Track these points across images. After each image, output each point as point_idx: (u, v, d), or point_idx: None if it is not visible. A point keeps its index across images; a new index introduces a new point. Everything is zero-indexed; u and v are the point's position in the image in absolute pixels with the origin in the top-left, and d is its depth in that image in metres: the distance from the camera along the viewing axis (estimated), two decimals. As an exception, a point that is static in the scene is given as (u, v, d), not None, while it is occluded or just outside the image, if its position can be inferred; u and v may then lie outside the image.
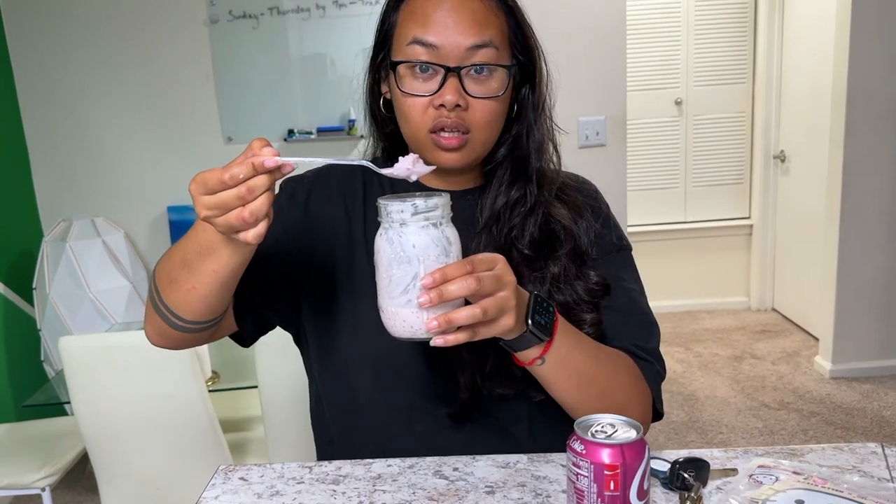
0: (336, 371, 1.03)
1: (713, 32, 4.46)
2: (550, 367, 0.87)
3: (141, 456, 1.95)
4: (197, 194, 0.72)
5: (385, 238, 0.75)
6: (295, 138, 3.26)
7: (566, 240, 1.00)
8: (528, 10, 1.02)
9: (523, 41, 0.97)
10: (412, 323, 0.75)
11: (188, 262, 0.83)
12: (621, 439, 0.71)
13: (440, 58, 0.91)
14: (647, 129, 4.54)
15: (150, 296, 0.93)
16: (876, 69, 3.29)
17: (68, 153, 3.30)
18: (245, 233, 0.72)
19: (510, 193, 0.99)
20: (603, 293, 1.01)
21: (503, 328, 0.78)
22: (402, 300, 0.75)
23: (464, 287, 0.73)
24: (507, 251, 0.97)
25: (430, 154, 0.94)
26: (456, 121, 0.91)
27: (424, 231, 0.74)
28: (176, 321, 0.89)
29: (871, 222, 3.44)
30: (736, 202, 4.71)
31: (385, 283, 0.76)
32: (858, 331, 3.55)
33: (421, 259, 0.74)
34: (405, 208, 0.73)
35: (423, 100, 0.92)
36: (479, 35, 0.91)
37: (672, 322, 4.50)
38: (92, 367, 1.86)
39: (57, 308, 3.04)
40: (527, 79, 0.99)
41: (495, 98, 0.93)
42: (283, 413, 1.98)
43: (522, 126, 0.99)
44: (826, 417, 3.21)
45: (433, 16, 0.91)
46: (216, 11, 3.20)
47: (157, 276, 0.90)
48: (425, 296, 0.72)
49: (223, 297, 0.87)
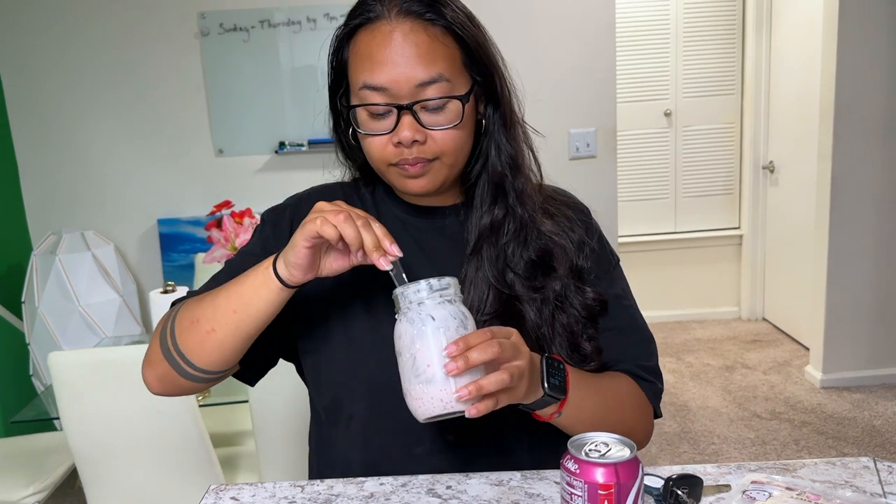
0: (332, 396, 1.02)
1: (702, 44, 4.49)
2: (566, 417, 0.91)
3: (131, 472, 1.94)
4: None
5: (405, 320, 0.78)
6: (286, 150, 3.25)
7: (561, 255, 1.00)
8: (519, 23, 1.02)
9: (478, 62, 0.95)
10: (441, 397, 0.76)
11: (217, 306, 0.88)
12: (615, 458, 0.71)
13: (391, 97, 0.90)
14: (637, 141, 4.56)
15: (158, 343, 0.94)
16: (863, 81, 3.32)
17: (58, 166, 3.29)
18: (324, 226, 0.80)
19: (494, 212, 0.98)
20: (601, 310, 1.01)
21: (519, 395, 0.82)
22: (428, 375, 0.76)
23: (488, 351, 0.76)
24: (501, 273, 0.97)
25: (398, 182, 0.96)
26: (417, 155, 0.92)
27: (441, 306, 0.78)
28: (187, 368, 0.91)
29: (859, 232, 3.46)
30: (726, 212, 4.73)
31: (409, 364, 0.78)
32: (848, 340, 3.57)
33: (442, 330, 0.77)
34: (421, 288, 0.78)
35: (382, 138, 0.92)
36: (427, 71, 0.89)
37: (663, 332, 4.51)
38: (81, 382, 1.84)
39: (46, 322, 3.01)
40: (490, 96, 0.98)
41: (453, 127, 0.92)
42: (275, 428, 1.97)
43: (491, 143, 0.98)
44: (817, 427, 3.22)
45: (378, 57, 0.90)
46: (207, 24, 3.20)
47: (178, 321, 0.92)
48: (452, 363, 0.74)
49: (238, 350, 0.90)
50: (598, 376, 0.99)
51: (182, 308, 0.94)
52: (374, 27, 0.91)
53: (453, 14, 0.92)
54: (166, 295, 2.27)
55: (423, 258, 1.00)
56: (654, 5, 4.44)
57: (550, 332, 0.97)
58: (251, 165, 3.32)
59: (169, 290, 2.28)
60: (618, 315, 1.04)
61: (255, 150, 3.31)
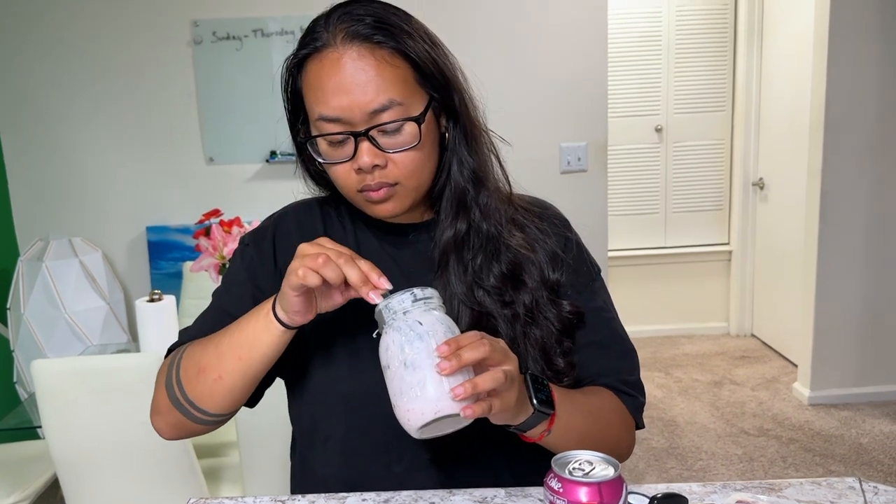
0: (308, 415, 1.02)
1: (693, 61, 4.52)
2: (556, 436, 0.89)
3: (113, 482, 1.91)
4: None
5: (391, 330, 0.78)
6: (277, 160, 3.25)
7: (532, 268, 0.99)
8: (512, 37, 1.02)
9: (431, 78, 0.93)
10: (435, 399, 0.74)
11: (220, 352, 0.89)
12: (599, 477, 0.71)
13: (346, 125, 0.89)
14: (627, 156, 4.58)
15: (165, 392, 0.95)
16: (853, 99, 3.35)
17: (47, 171, 3.27)
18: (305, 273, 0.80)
19: (457, 226, 0.98)
20: (577, 322, 1.00)
21: (510, 403, 0.80)
22: (419, 378, 0.75)
23: (479, 350, 0.76)
24: (470, 288, 0.96)
25: (366, 208, 0.96)
26: (379, 180, 0.91)
27: (427, 313, 0.78)
28: (197, 414, 0.93)
29: (849, 250, 3.48)
30: (715, 228, 4.74)
31: (399, 372, 0.76)
32: (837, 358, 3.58)
33: (431, 333, 0.77)
34: (405, 298, 0.78)
35: (344, 166, 0.92)
36: (377, 98, 0.88)
37: (652, 347, 4.51)
38: (65, 391, 1.82)
39: (31, 329, 2.99)
40: (449, 111, 0.96)
41: (412, 148, 0.91)
42: (259, 440, 1.96)
43: (453, 157, 0.98)
44: (805, 444, 3.22)
45: (329, 86, 0.89)
46: (200, 32, 3.20)
47: (182, 370, 0.93)
48: (445, 362, 0.74)
49: (246, 391, 0.92)
50: (583, 393, 0.99)
51: (184, 357, 0.94)
52: (321, 56, 0.90)
53: (402, 34, 0.90)
54: (153, 303, 2.25)
55: (398, 275, 0.99)
56: (645, 21, 4.47)
57: (524, 346, 0.96)
58: (242, 174, 3.32)
59: (156, 298, 2.26)
60: (598, 328, 1.03)
61: (245, 159, 3.30)
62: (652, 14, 4.46)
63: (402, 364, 0.76)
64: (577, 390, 0.98)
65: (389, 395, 0.78)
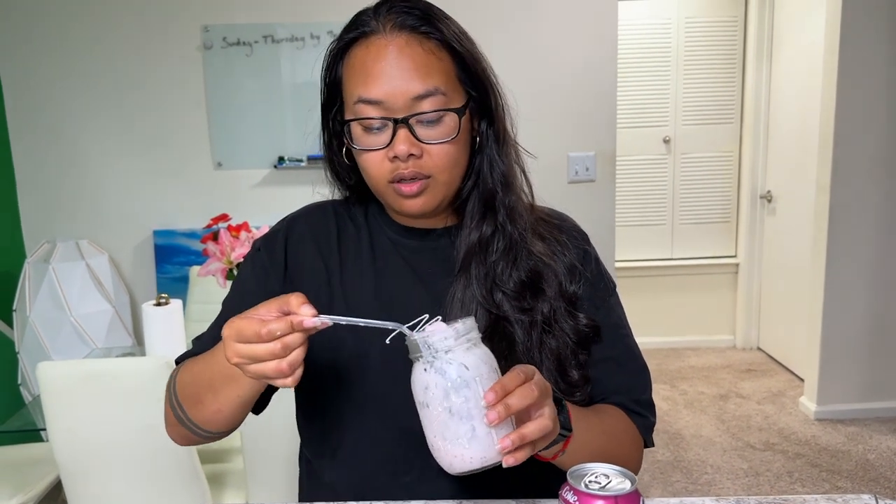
0: (318, 423, 1.01)
1: (702, 72, 4.52)
2: (569, 454, 0.88)
3: (116, 486, 1.90)
4: (230, 340, 0.74)
5: (433, 370, 0.72)
6: (285, 165, 3.25)
7: (551, 277, 0.98)
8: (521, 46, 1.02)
9: (473, 77, 0.95)
10: (483, 449, 0.71)
11: (214, 388, 0.87)
12: (615, 490, 0.69)
13: (387, 111, 0.89)
14: (635, 166, 4.57)
15: (171, 408, 0.96)
16: (863, 113, 3.33)
17: (55, 174, 3.27)
18: (283, 380, 0.75)
19: (482, 228, 0.97)
20: (594, 336, 0.99)
21: (553, 436, 0.78)
22: (468, 428, 0.71)
23: (526, 396, 0.72)
24: (490, 292, 0.95)
25: (395, 202, 0.94)
26: (413, 170, 0.90)
27: (470, 352, 0.72)
28: (202, 433, 0.94)
29: (856, 264, 3.46)
30: (722, 240, 4.73)
31: (444, 418, 0.72)
32: (844, 373, 3.55)
33: (478, 380, 0.71)
34: (448, 334, 0.72)
35: (378, 153, 0.91)
36: (423, 84, 0.89)
37: (657, 359, 4.49)
38: (69, 394, 1.82)
39: (37, 331, 2.98)
40: (484, 112, 0.97)
41: (449, 141, 0.91)
42: (263, 446, 1.94)
43: (484, 159, 0.98)
44: (811, 460, 3.19)
45: (373, 70, 0.89)
46: (210, 38, 3.21)
47: (181, 395, 0.93)
48: (493, 412, 0.70)
49: (247, 411, 0.92)
50: (595, 412, 0.98)
51: (179, 382, 0.95)
52: (368, 41, 0.91)
53: (448, 29, 0.92)
54: (159, 307, 2.24)
55: (414, 280, 0.99)
56: (655, 33, 4.47)
57: (539, 356, 0.95)
58: (250, 179, 3.31)
59: (162, 302, 2.26)
60: (614, 344, 1.02)
61: (253, 165, 3.30)
62: (661, 25, 4.46)
63: (446, 411, 0.71)
64: (590, 409, 0.98)
65: (426, 430, 0.75)
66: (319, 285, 0.99)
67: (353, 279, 1.00)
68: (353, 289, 0.99)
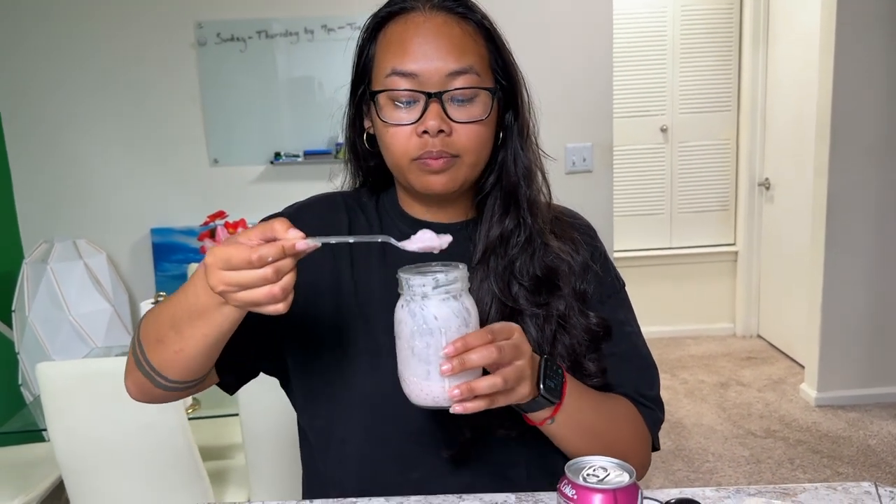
0: (324, 418, 0.99)
1: (699, 61, 4.50)
2: (559, 425, 0.88)
3: (118, 485, 1.91)
4: (215, 268, 0.71)
5: (407, 310, 0.76)
6: (282, 161, 3.24)
7: (567, 274, 0.98)
8: (516, 37, 1.01)
9: (504, 66, 0.96)
10: (435, 392, 0.76)
11: (177, 325, 0.81)
12: (614, 484, 0.69)
13: (420, 85, 0.89)
14: (633, 156, 4.56)
15: (132, 352, 0.91)
16: (860, 99, 3.33)
17: (51, 173, 3.26)
18: (275, 306, 0.72)
19: (504, 223, 0.97)
20: (603, 334, 0.99)
21: (520, 396, 0.81)
22: (424, 370, 0.76)
23: (485, 356, 0.75)
24: (507, 284, 0.95)
25: (417, 179, 0.92)
26: (441, 148, 0.89)
27: (445, 303, 0.76)
28: (160, 380, 0.88)
29: (855, 250, 3.46)
30: (721, 229, 4.73)
31: (407, 354, 0.77)
32: (844, 359, 3.56)
33: (443, 331, 0.75)
34: (427, 282, 0.75)
35: (405, 129, 0.90)
36: (459, 61, 0.89)
37: (658, 348, 4.49)
38: (69, 393, 1.82)
39: (36, 331, 2.98)
40: (510, 104, 0.98)
41: (479, 122, 0.91)
42: (265, 442, 1.95)
43: (508, 152, 0.98)
44: (812, 446, 3.20)
45: (410, 44, 0.89)
46: (204, 34, 3.19)
47: (143, 335, 0.88)
48: (448, 364, 0.74)
49: (210, 358, 0.86)
50: (601, 393, 0.97)
51: (143, 323, 0.89)
52: (407, 17, 0.92)
53: (483, 15, 0.95)
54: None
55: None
56: (650, 21, 4.45)
57: (551, 351, 0.95)
58: (246, 176, 3.31)
59: (161, 300, 2.25)
60: (620, 341, 1.02)
61: (250, 161, 3.30)
62: (657, 14, 4.44)
63: (410, 349, 0.76)
64: (595, 390, 0.97)
65: (397, 358, 0.79)
66: (323, 277, 0.98)
67: (364, 272, 0.99)
68: (362, 282, 0.98)
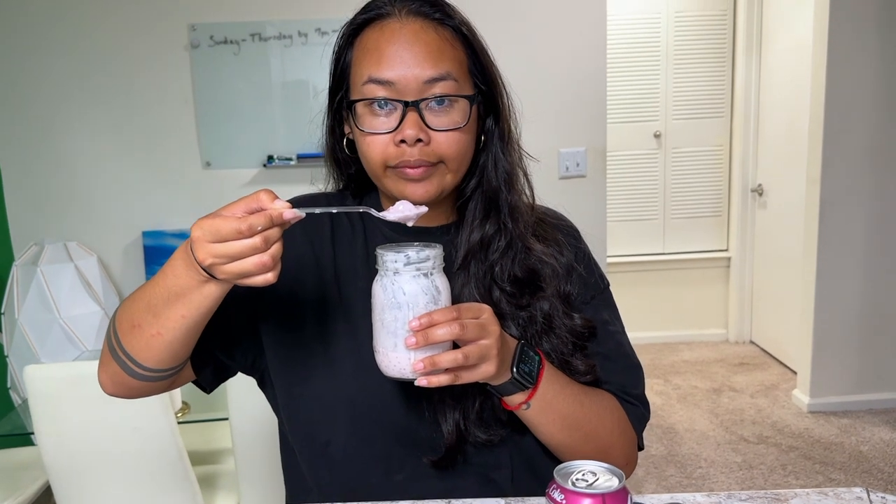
0: (307, 419, 0.98)
1: (692, 67, 4.52)
2: (535, 411, 0.89)
3: (107, 490, 1.89)
4: (202, 241, 0.72)
5: (380, 284, 0.80)
6: (274, 164, 3.23)
7: (550, 277, 0.98)
8: (510, 43, 1.01)
9: (483, 71, 0.94)
10: (401, 363, 0.80)
11: (154, 308, 0.80)
12: (603, 488, 0.69)
13: (397, 93, 0.88)
14: (626, 161, 4.57)
15: (106, 342, 0.89)
16: (852, 105, 3.34)
17: (42, 175, 3.24)
18: (264, 276, 0.73)
19: (485, 228, 0.96)
20: (588, 335, 0.99)
21: (484, 374, 0.82)
22: (391, 342, 0.80)
23: (448, 332, 0.77)
24: (488, 290, 0.94)
25: (395, 188, 0.91)
26: (419, 157, 0.88)
27: (415, 280, 0.79)
28: (135, 368, 0.86)
29: (848, 257, 3.47)
30: (714, 234, 4.73)
31: (378, 325, 0.81)
32: (836, 365, 3.56)
33: (411, 306, 0.79)
34: (398, 258, 0.79)
35: (383, 137, 0.89)
36: (436, 68, 0.88)
37: (651, 353, 4.49)
38: (57, 397, 1.80)
39: (25, 334, 2.96)
40: (490, 108, 0.97)
41: (458, 129, 0.90)
42: (255, 446, 1.93)
43: (489, 156, 0.97)
44: (805, 452, 3.20)
45: (387, 51, 0.88)
46: (197, 36, 3.18)
47: (118, 322, 0.86)
48: (412, 337, 0.77)
49: (188, 344, 0.84)
50: (583, 385, 0.97)
51: (119, 310, 0.88)
52: (383, 24, 0.90)
53: (461, 20, 0.94)
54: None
55: None
56: (644, 27, 4.46)
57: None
58: (239, 179, 3.29)
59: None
60: (604, 341, 1.01)
61: (243, 164, 3.28)
62: (651, 20, 4.46)
63: (380, 321, 0.81)
64: (577, 382, 0.96)
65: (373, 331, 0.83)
66: (311, 278, 0.98)
67: (347, 275, 0.98)
68: (346, 284, 0.98)
